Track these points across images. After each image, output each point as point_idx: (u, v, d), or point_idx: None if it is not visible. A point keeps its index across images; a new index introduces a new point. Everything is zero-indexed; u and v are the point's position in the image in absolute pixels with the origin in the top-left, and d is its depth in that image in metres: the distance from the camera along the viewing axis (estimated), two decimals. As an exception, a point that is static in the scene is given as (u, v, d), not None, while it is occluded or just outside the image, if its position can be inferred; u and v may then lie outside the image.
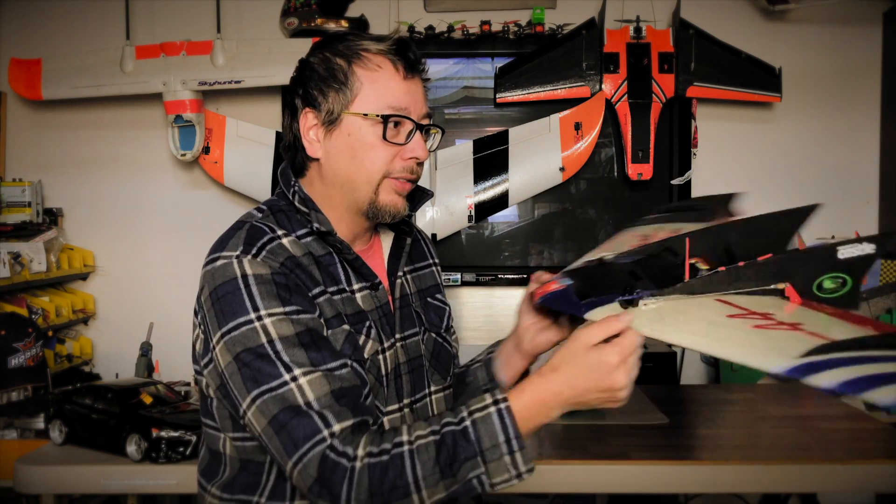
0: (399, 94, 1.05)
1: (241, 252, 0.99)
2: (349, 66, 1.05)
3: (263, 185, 2.90)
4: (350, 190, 1.07)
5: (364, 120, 1.04)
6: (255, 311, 0.95)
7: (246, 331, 0.95)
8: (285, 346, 0.94)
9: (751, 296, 0.84)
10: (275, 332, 0.94)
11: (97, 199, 3.12)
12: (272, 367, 0.93)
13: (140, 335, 2.66)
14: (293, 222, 1.08)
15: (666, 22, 2.93)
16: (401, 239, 1.19)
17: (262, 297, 0.96)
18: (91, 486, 1.83)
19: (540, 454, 1.85)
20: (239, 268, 0.98)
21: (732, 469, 1.77)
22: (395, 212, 1.09)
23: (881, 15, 3.02)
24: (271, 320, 0.95)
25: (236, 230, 1.03)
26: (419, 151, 1.07)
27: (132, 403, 1.89)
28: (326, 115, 1.06)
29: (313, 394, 0.92)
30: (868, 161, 3.07)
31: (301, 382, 0.92)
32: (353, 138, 1.05)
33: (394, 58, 1.05)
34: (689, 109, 2.90)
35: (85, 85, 2.87)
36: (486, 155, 2.90)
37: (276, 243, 1.02)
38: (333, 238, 1.07)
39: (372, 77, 1.05)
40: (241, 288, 0.96)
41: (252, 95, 2.98)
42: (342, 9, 2.96)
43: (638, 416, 2.13)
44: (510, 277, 2.96)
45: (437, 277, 1.28)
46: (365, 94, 1.05)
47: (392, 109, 1.04)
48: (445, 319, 1.25)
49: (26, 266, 2.62)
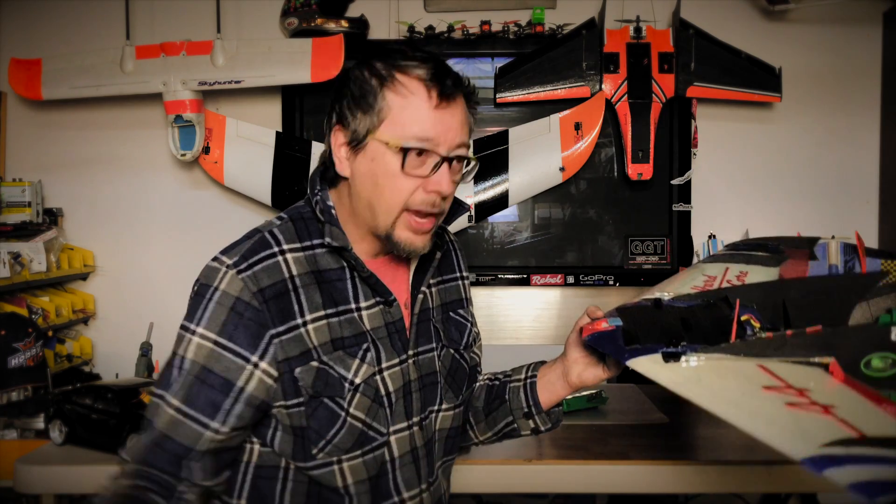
0: (427, 123, 1.00)
1: (233, 263, 1.01)
2: (381, 88, 1.02)
3: (263, 185, 2.90)
4: (371, 216, 1.05)
5: (387, 147, 1.01)
6: (196, 325, 1.00)
7: (180, 334, 1.02)
8: (188, 368, 0.99)
9: (795, 364, 0.82)
10: (192, 351, 0.99)
11: (97, 199, 3.12)
12: (167, 378, 1.01)
13: (140, 335, 2.66)
14: (312, 232, 1.07)
15: (666, 22, 2.93)
16: (430, 252, 1.15)
17: (210, 316, 1.00)
18: (91, 486, 1.83)
19: (540, 454, 1.85)
20: (219, 279, 1.01)
21: (732, 469, 1.78)
22: (410, 249, 1.06)
23: (881, 15, 3.02)
24: (197, 341, 0.99)
25: (247, 239, 1.05)
26: (443, 185, 1.02)
27: (132, 403, 1.89)
28: (353, 136, 1.04)
29: (160, 423, 1.01)
30: (868, 161, 3.07)
31: (163, 409, 1.01)
32: (376, 164, 1.02)
33: (429, 83, 1.01)
34: (689, 109, 2.90)
35: (85, 85, 2.86)
36: (486, 155, 2.90)
37: (273, 262, 1.02)
38: (348, 254, 1.06)
39: (402, 103, 1.01)
40: (205, 298, 1.00)
41: (252, 95, 2.98)
42: (342, 9, 2.96)
43: (638, 416, 2.13)
44: (510, 277, 2.96)
45: (462, 291, 1.26)
46: (392, 120, 1.01)
47: (417, 139, 1.00)
48: (466, 336, 1.23)
49: (26, 266, 2.62)
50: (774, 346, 0.83)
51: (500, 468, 1.80)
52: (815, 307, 0.88)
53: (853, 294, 0.91)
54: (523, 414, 1.24)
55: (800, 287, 0.92)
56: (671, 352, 0.86)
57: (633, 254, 2.98)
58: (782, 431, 0.70)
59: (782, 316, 0.89)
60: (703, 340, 0.86)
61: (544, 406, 1.22)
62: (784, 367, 0.81)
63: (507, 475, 1.80)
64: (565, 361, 1.18)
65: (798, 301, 0.90)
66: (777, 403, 0.74)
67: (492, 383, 1.29)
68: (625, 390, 2.45)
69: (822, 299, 0.91)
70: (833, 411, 0.72)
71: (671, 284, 1.11)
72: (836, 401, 0.75)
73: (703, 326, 0.89)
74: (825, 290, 0.92)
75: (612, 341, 0.98)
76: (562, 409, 1.28)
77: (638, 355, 0.89)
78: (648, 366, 0.87)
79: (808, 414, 0.72)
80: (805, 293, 0.91)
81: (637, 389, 2.45)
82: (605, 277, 2.94)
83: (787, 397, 0.75)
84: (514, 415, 1.25)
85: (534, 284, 2.96)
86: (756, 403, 0.75)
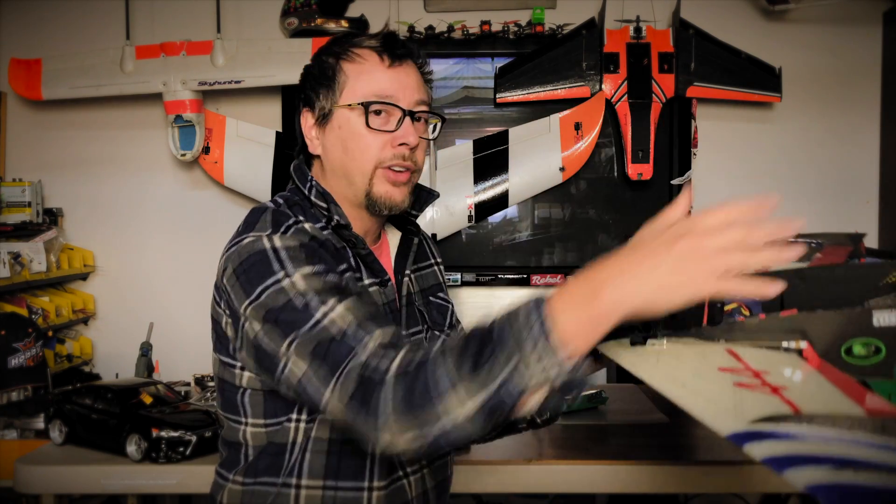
0: (383, 81, 1.06)
1: (270, 231, 0.99)
2: (338, 63, 1.08)
3: (263, 185, 2.90)
4: (348, 182, 1.09)
5: (350, 111, 1.06)
6: (284, 271, 0.94)
7: (273, 291, 0.93)
8: (316, 294, 0.92)
9: (768, 350, 0.78)
10: (305, 285, 0.93)
11: (97, 199, 3.12)
12: (304, 313, 0.91)
13: (140, 335, 2.66)
14: (308, 216, 1.08)
15: (666, 22, 2.93)
16: (408, 238, 1.20)
17: (292, 260, 0.95)
18: (91, 486, 1.83)
19: (540, 454, 1.85)
20: (269, 242, 0.98)
21: (732, 469, 1.77)
22: (390, 203, 1.09)
23: (881, 15, 3.02)
24: (301, 276, 0.94)
25: (260, 213, 1.04)
26: (409, 137, 1.06)
27: (132, 403, 1.89)
28: (320, 113, 1.09)
29: (345, 322, 0.89)
30: (868, 161, 3.07)
31: (332, 316, 0.90)
32: (343, 130, 1.07)
33: (380, 49, 1.07)
34: (689, 109, 2.90)
35: (85, 85, 2.87)
36: (486, 155, 2.90)
37: (301, 226, 1.02)
38: (349, 233, 1.08)
39: (357, 69, 1.07)
40: (270, 258, 0.96)
41: (252, 95, 2.98)
42: (342, 9, 2.96)
43: (638, 416, 2.13)
44: (510, 277, 2.96)
45: (439, 277, 1.29)
46: (350, 87, 1.07)
47: (376, 97, 1.05)
48: (449, 317, 1.25)
49: (26, 266, 2.62)
50: (747, 330, 0.80)
51: (500, 468, 1.80)
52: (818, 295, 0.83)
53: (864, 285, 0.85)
54: None
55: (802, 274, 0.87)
56: (640, 335, 0.84)
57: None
58: (718, 408, 0.68)
59: (779, 305, 0.84)
60: (682, 327, 0.84)
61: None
62: (754, 353, 0.78)
63: (507, 475, 1.80)
64: None
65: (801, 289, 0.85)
66: (725, 383, 0.72)
67: None
68: (625, 390, 2.45)
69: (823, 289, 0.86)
70: (782, 392, 0.70)
71: None
72: (793, 384, 0.72)
73: (686, 315, 0.85)
74: (831, 279, 0.86)
75: None
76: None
77: (607, 339, 0.85)
78: (615, 349, 0.85)
79: (756, 393, 0.70)
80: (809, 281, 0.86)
81: (637, 389, 2.45)
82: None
83: (740, 378, 0.73)
84: None
85: (534, 284, 2.95)
86: (703, 384, 0.73)
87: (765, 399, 0.69)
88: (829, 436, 0.63)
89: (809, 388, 0.72)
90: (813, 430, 0.64)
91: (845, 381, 0.73)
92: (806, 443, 0.62)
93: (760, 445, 0.62)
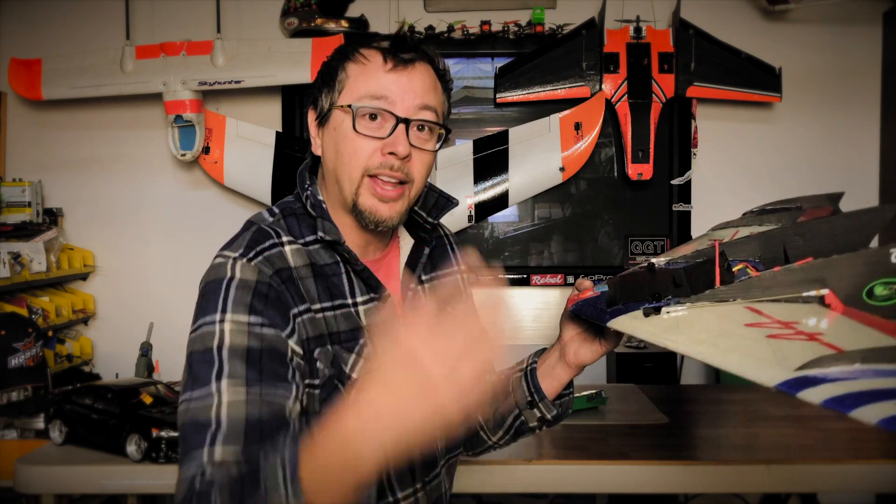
0: (381, 83, 1.01)
1: (240, 255, 0.98)
2: (344, 63, 1.05)
3: (263, 185, 2.90)
4: (339, 187, 1.05)
5: (344, 112, 1.02)
6: (222, 314, 0.93)
7: (205, 331, 0.93)
8: (229, 356, 0.91)
9: (789, 303, 0.76)
10: (229, 339, 0.92)
11: (97, 199, 3.12)
12: (206, 374, 0.90)
13: (140, 335, 2.66)
14: (303, 227, 1.06)
15: (666, 22, 2.93)
16: (419, 247, 1.13)
17: (234, 301, 0.94)
18: (91, 486, 1.83)
19: (540, 454, 1.85)
20: (230, 269, 0.96)
21: (732, 469, 1.77)
22: (376, 219, 1.03)
23: (881, 15, 3.02)
24: (231, 324, 0.92)
25: (243, 231, 1.03)
26: (398, 146, 1.00)
27: (132, 403, 1.89)
28: (320, 112, 1.07)
29: (221, 414, 0.87)
30: (868, 161, 3.07)
31: (220, 399, 0.88)
32: (337, 132, 1.04)
33: (386, 51, 1.02)
34: (689, 109, 2.90)
35: (85, 85, 2.87)
36: (486, 155, 2.90)
37: (277, 251, 1.00)
38: (341, 247, 1.04)
39: (358, 70, 1.03)
40: (221, 289, 0.95)
41: (252, 95, 2.98)
42: (342, 9, 2.96)
43: (638, 416, 2.13)
44: (510, 277, 2.96)
45: (459, 285, 1.23)
46: (349, 87, 1.03)
47: (370, 97, 1.00)
48: None
49: (26, 266, 2.62)
50: (763, 286, 0.78)
51: (500, 468, 1.80)
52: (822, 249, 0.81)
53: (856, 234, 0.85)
54: (527, 403, 1.20)
55: (801, 229, 0.86)
56: (652, 306, 0.82)
57: (633, 254, 2.98)
58: (758, 361, 0.67)
59: (784, 262, 0.83)
60: (692, 294, 0.83)
61: (550, 395, 1.18)
62: (776, 307, 0.76)
63: (507, 475, 1.80)
64: (561, 342, 1.16)
65: (801, 244, 0.84)
66: (757, 336, 0.71)
67: (497, 377, 1.28)
68: (625, 390, 2.45)
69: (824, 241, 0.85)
70: (820, 337, 0.69)
71: (675, 252, 1.07)
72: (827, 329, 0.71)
73: (696, 282, 0.84)
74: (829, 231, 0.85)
75: (594, 306, 0.95)
76: (572, 396, 1.23)
77: (618, 315, 0.85)
78: (628, 322, 0.84)
79: (791, 342, 0.69)
80: (808, 236, 0.85)
81: (637, 389, 2.45)
82: (606, 277, 2.93)
83: (772, 330, 0.72)
84: (518, 406, 1.21)
85: (534, 284, 2.96)
86: (734, 341, 0.72)
87: (805, 345, 0.68)
88: (885, 370, 0.62)
89: (843, 331, 0.70)
90: (867, 367, 0.63)
91: (875, 321, 0.72)
92: (864, 380, 0.61)
93: (817, 390, 0.61)
